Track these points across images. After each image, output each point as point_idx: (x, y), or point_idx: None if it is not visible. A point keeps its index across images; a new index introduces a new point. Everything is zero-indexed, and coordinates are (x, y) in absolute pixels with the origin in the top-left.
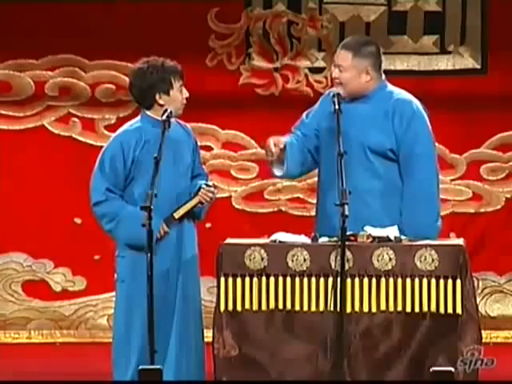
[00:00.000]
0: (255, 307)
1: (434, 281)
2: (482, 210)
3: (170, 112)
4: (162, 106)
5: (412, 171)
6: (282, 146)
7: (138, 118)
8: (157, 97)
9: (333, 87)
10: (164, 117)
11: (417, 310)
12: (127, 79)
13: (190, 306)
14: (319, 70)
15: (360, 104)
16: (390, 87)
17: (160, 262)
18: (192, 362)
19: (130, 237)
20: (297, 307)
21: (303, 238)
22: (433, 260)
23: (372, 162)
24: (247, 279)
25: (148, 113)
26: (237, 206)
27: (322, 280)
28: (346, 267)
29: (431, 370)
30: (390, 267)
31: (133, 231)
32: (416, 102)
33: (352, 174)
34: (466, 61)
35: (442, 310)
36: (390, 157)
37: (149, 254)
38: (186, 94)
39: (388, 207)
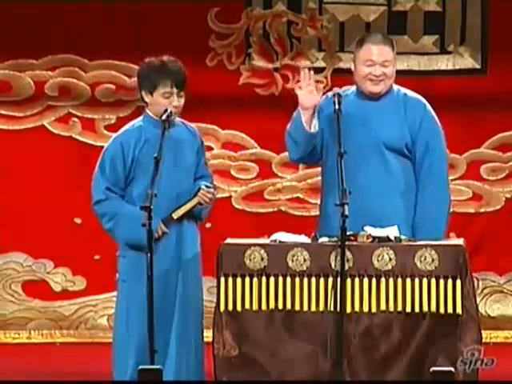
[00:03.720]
0: (255, 307)
1: (434, 281)
2: (482, 210)
3: (170, 112)
4: (147, 104)
5: (427, 169)
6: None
7: (141, 117)
8: (143, 93)
9: (334, 87)
10: (164, 117)
11: (417, 310)
12: (127, 79)
13: (191, 306)
14: (319, 70)
15: (371, 101)
16: (395, 86)
17: (160, 261)
18: (192, 361)
19: (129, 236)
20: (297, 307)
21: (303, 238)
22: (433, 260)
23: (387, 159)
24: (247, 279)
25: (149, 112)
26: (237, 206)
27: (321, 280)
28: (346, 267)
29: (431, 370)
30: (390, 267)
31: (131, 231)
32: (425, 100)
33: (366, 171)
34: (466, 61)
35: (442, 310)
36: (405, 153)
37: (149, 254)
38: (176, 102)
39: (402, 204)
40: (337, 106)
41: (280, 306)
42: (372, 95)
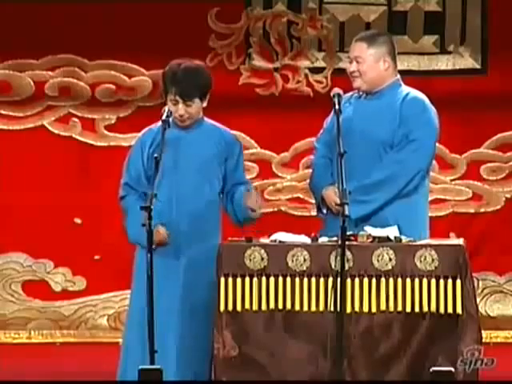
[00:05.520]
0: (255, 307)
1: (433, 281)
2: (482, 210)
3: (170, 112)
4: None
5: (399, 149)
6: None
7: None
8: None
9: (334, 87)
10: (164, 117)
11: (417, 309)
12: (127, 79)
13: (196, 306)
14: (319, 70)
15: (374, 101)
16: (404, 87)
17: (161, 261)
18: (195, 361)
19: (135, 236)
20: (297, 307)
21: (303, 238)
22: (433, 260)
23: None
24: (247, 279)
25: None
26: None
27: (321, 280)
28: (346, 267)
29: (431, 370)
30: (390, 267)
31: (134, 230)
32: (427, 101)
33: (367, 170)
34: (466, 61)
35: (441, 310)
36: None
37: (149, 254)
38: (181, 111)
39: (402, 203)
40: (337, 106)
41: (280, 306)
42: (362, 92)
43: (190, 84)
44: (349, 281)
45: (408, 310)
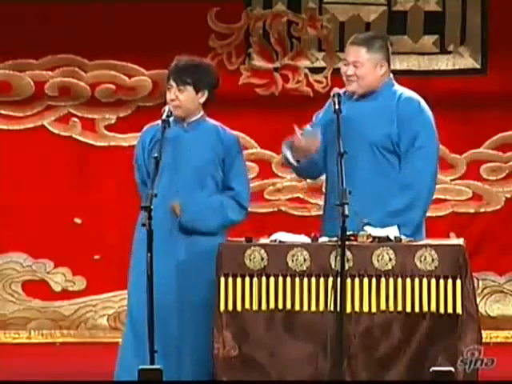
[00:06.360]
0: (255, 307)
1: (433, 281)
2: (482, 210)
3: (170, 112)
4: None
5: (411, 159)
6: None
7: None
8: None
9: (334, 87)
10: (164, 116)
11: (417, 310)
12: (127, 79)
13: (195, 306)
14: (319, 70)
15: (368, 102)
16: (397, 86)
17: (160, 259)
18: (195, 362)
19: None
20: (297, 307)
21: (303, 238)
22: (433, 260)
23: (379, 159)
24: (247, 279)
25: None
26: None
27: (321, 280)
28: (346, 267)
29: (431, 370)
30: (390, 267)
31: None
32: (422, 101)
33: (361, 172)
34: (466, 61)
35: (441, 310)
36: (396, 151)
37: (149, 254)
38: (171, 95)
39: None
40: (337, 106)
41: (280, 306)
42: (355, 94)
43: (185, 70)
44: (349, 281)
45: (408, 309)
